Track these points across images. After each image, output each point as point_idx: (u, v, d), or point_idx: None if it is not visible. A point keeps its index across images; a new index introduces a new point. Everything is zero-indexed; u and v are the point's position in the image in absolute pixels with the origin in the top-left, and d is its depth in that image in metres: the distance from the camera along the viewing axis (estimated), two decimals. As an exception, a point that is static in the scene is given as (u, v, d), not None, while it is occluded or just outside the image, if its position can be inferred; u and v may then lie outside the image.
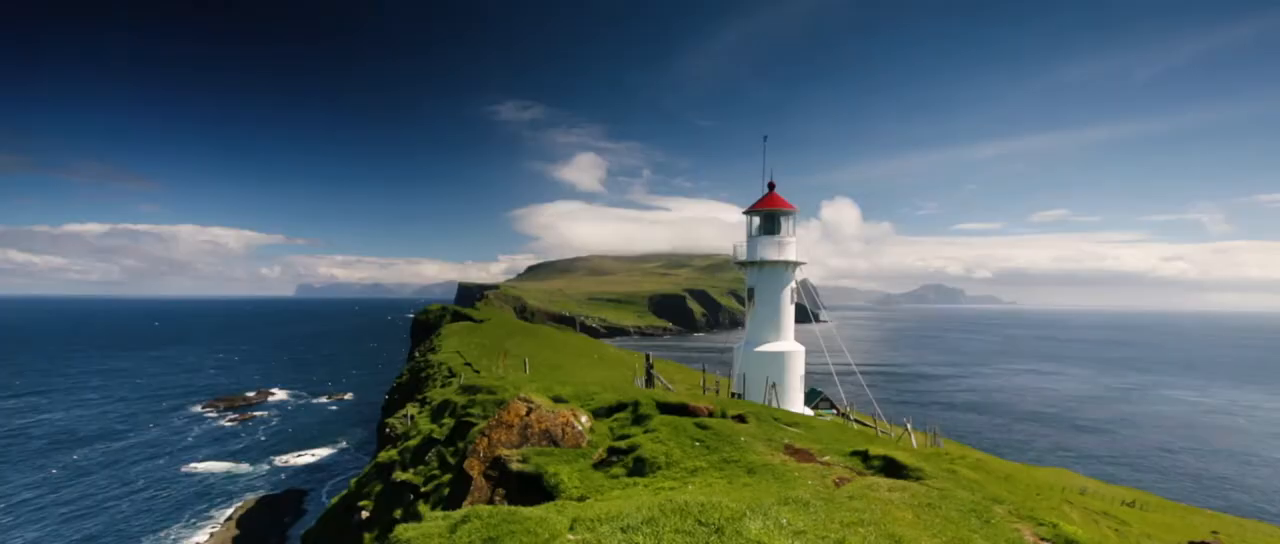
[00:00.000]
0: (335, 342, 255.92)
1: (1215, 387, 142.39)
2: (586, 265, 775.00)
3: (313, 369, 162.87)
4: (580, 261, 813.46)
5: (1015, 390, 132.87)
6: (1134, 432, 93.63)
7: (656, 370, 31.16)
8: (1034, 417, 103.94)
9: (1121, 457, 79.04)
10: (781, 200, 33.82)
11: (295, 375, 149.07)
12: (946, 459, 14.31)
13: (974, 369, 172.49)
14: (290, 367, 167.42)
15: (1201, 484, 67.31)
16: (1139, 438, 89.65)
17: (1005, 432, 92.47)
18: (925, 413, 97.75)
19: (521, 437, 14.19)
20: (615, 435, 14.58)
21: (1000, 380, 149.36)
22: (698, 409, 15.85)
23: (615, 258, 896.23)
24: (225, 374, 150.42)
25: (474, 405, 19.49)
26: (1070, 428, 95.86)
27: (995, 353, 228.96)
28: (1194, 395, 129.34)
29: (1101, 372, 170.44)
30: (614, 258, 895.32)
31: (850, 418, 34.09)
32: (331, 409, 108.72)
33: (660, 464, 12.28)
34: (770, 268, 33.17)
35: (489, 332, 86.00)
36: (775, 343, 32.77)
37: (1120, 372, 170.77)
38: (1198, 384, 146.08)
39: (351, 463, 74.49)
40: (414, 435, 21.50)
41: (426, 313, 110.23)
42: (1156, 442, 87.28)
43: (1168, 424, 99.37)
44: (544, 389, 18.30)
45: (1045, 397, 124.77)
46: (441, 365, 54.29)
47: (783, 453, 12.99)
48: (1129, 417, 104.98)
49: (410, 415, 31.93)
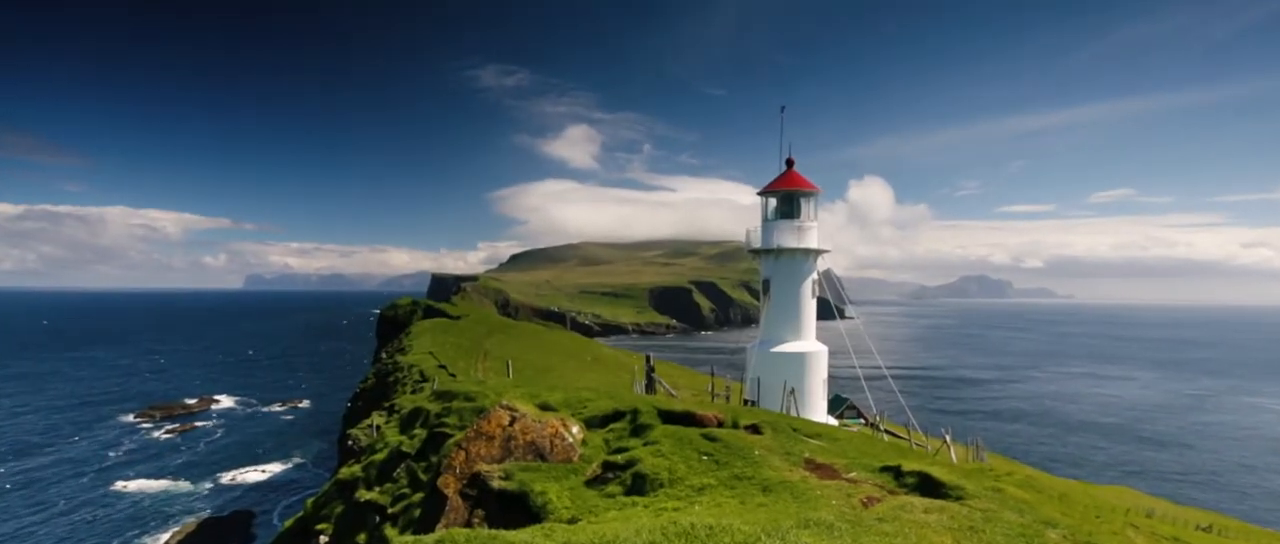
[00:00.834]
0: (289, 341, 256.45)
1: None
2: (578, 254, 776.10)
3: (263, 373, 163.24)
4: (571, 249, 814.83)
5: (1071, 397, 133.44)
6: (1210, 445, 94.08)
7: (658, 374, 31.37)
8: (1093, 427, 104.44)
9: (1195, 474, 79.46)
10: (802, 179, 33.82)
11: (243, 380, 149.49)
12: (991, 476, 14.41)
13: (1023, 373, 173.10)
14: (237, 370, 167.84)
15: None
16: (1215, 453, 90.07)
17: (1059, 445, 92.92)
18: (966, 423, 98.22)
19: (504, 450, 14.26)
20: (611, 448, 14.66)
21: (1053, 386, 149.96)
22: (705, 418, 15.95)
23: (611, 245, 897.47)
24: (161, 379, 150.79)
25: (449, 414, 19.48)
26: (1135, 440, 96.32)
27: (1047, 354, 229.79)
28: (1279, 403, 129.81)
29: (1171, 376, 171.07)
30: (610, 245, 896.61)
31: (880, 428, 34.40)
32: (285, 419, 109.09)
33: (662, 481, 12.36)
34: (788, 257, 33.26)
35: (466, 330, 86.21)
36: (794, 342, 32.87)
37: (1193, 376, 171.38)
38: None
39: (308, 480, 74.81)
40: (380, 448, 21.48)
41: (394, 308, 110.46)
42: (1236, 458, 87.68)
43: (1248, 437, 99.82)
44: (530, 395, 18.31)
45: (1106, 405, 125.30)
46: (412, 368, 54.38)
47: (803, 468, 13.07)
48: (1203, 428, 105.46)
49: (376, 426, 31.75)
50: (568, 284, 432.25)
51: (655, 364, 30.06)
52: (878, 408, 39.49)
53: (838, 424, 34.81)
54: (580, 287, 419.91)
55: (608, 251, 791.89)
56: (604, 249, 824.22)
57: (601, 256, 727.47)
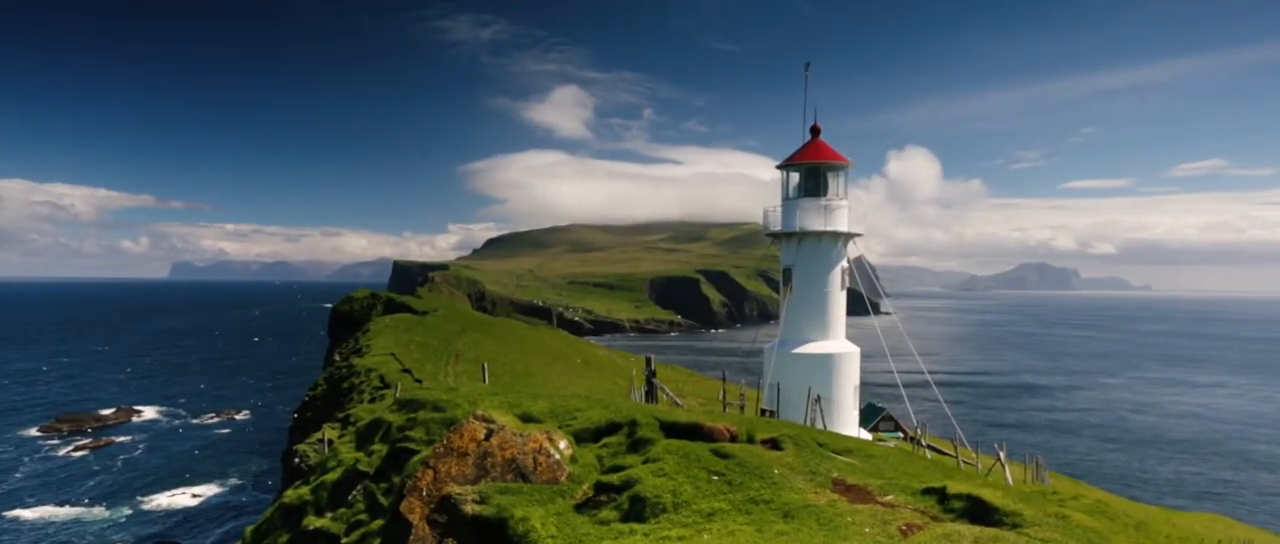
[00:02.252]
0: (225, 340, 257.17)
1: None
2: (567, 238, 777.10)
3: (194, 378, 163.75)
4: (558, 233, 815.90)
5: (1151, 408, 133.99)
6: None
7: (660, 379, 31.20)
8: (1177, 444, 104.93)
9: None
10: (829, 150, 33.91)
11: (170, 387, 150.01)
12: (1054, 500, 14.51)
13: (1093, 379, 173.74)
14: (162, 375, 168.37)
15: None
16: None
17: (1136, 464, 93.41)
18: (1024, 438, 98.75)
19: (479, 469, 14.37)
20: (605, 466, 14.75)
21: (1129, 394, 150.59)
22: (716, 431, 16.02)
23: (605, 228, 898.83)
24: (70, 386, 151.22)
25: (414, 427, 19.54)
26: (1228, 459, 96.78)
27: (1122, 356, 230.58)
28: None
29: (1272, 383, 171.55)
30: (604, 228, 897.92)
31: (921, 443, 34.64)
32: (220, 432, 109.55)
33: (665, 505, 12.42)
34: (814, 241, 33.44)
35: (435, 327, 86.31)
36: (820, 342, 33.12)
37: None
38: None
39: (247, 505, 75.22)
40: (332, 467, 21.52)
41: (349, 302, 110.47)
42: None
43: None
44: (509, 404, 18.35)
45: (1193, 416, 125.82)
46: (370, 373, 54.31)
47: (830, 490, 13.14)
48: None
49: (328, 440, 31.88)
50: (554, 274, 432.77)
51: (657, 367, 30.23)
52: (918, 419, 39.81)
53: (872, 438, 34.85)
54: (569, 277, 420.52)
55: (601, 235, 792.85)
56: (597, 232, 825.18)
57: (594, 241, 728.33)
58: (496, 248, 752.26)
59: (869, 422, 50.78)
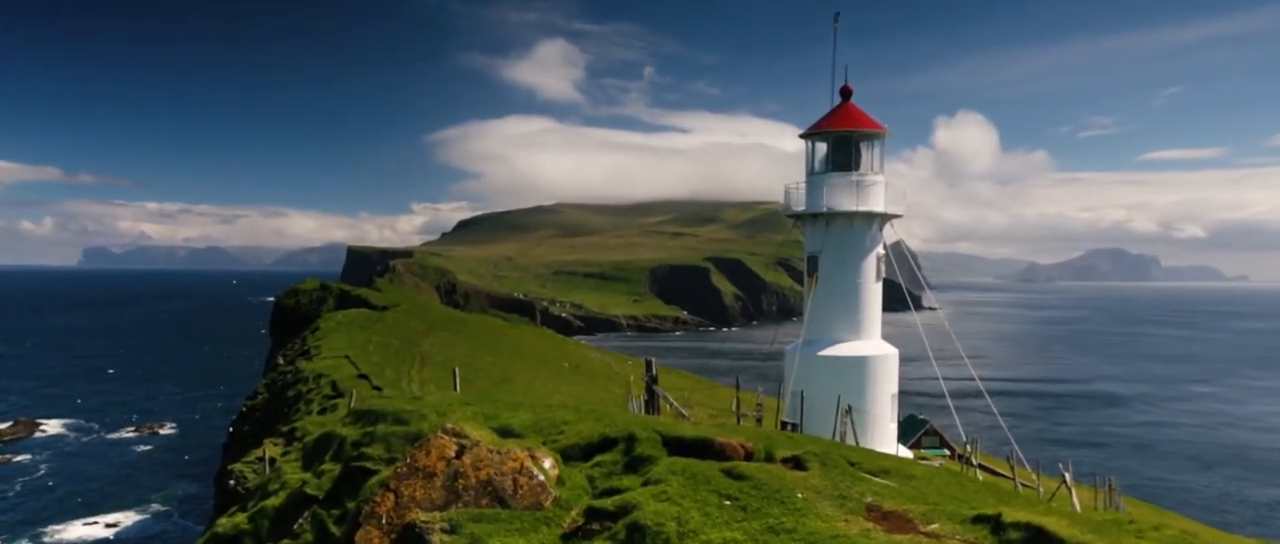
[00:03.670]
0: (146, 340, 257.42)
1: None
2: (553, 220, 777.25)
3: (109, 385, 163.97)
4: (544, 214, 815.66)
5: (1250, 422, 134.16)
6: None
7: (664, 387, 31.54)
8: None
9: None
10: (863, 116, 33.83)
11: (80, 396, 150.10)
12: (1131, 531, 14.54)
13: (1180, 387, 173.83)
14: (71, 381, 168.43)
15: None
16: None
17: (1233, 488, 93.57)
18: (1096, 457, 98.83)
19: (449, 492, 14.35)
20: (598, 489, 14.79)
21: (1224, 405, 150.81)
22: (729, 448, 16.04)
23: (599, 208, 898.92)
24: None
25: (372, 442, 19.55)
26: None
27: (1214, 360, 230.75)
28: None
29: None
30: (598, 208, 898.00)
31: (971, 462, 34.83)
32: (140, 450, 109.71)
33: (669, 535, 12.35)
34: (844, 224, 33.44)
35: (397, 325, 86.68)
36: (851, 343, 33.25)
37: None
38: None
39: (173, 535, 75.44)
40: (275, 490, 21.71)
41: (295, 295, 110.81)
42: None
43: None
44: (485, 416, 18.40)
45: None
46: (320, 379, 54.59)
47: (864, 517, 13.12)
48: None
49: (269, 459, 32.10)
50: (538, 262, 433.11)
51: (659, 372, 30.47)
52: (968, 434, 39.81)
53: (912, 457, 35.70)
54: (555, 265, 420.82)
55: (594, 217, 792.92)
56: (589, 213, 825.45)
57: (585, 224, 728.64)
58: (470, 231, 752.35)
59: (909, 437, 50.95)
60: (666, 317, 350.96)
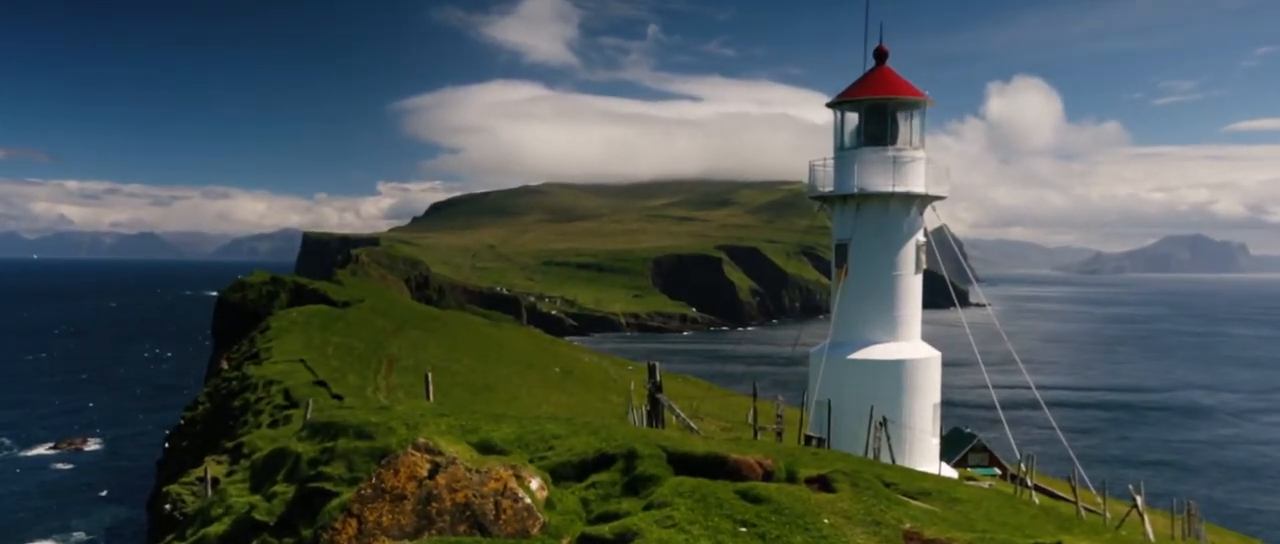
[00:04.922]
0: (69, 343, 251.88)
1: None
2: (543, 202, 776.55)
3: (23, 395, 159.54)
4: (531, 196, 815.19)
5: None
6: None
7: (669, 395, 30.77)
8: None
9: None
10: (900, 82, 32.80)
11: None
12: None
13: (1271, 397, 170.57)
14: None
15: None
16: None
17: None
18: (1172, 477, 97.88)
19: (420, 517, 14.14)
20: (593, 514, 14.68)
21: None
22: (744, 466, 15.80)
23: (596, 188, 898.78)
24: None
25: (332, 460, 18.83)
26: None
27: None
28: None
29: None
30: (594, 188, 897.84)
31: (1026, 483, 34.10)
32: (60, 470, 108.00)
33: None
34: (878, 207, 32.40)
35: (361, 324, 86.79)
36: (887, 344, 32.33)
37: None
38: None
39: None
40: (219, 516, 20.96)
41: (242, 289, 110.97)
42: None
43: None
44: (462, 430, 17.89)
45: None
46: (271, 386, 53.72)
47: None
48: None
49: (211, 479, 31.18)
50: (524, 251, 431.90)
51: (664, 379, 29.89)
52: (1022, 450, 38.74)
53: (957, 476, 35.01)
54: (545, 255, 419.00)
55: (590, 199, 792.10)
56: (584, 195, 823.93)
57: (579, 207, 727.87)
58: (445, 216, 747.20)
59: (954, 454, 50.93)
60: (672, 314, 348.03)
